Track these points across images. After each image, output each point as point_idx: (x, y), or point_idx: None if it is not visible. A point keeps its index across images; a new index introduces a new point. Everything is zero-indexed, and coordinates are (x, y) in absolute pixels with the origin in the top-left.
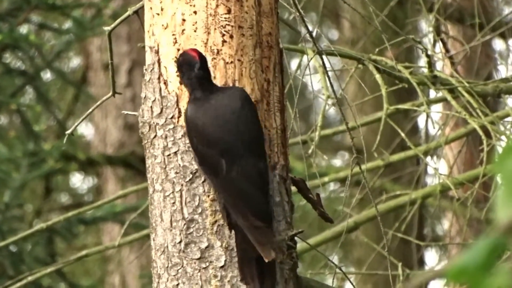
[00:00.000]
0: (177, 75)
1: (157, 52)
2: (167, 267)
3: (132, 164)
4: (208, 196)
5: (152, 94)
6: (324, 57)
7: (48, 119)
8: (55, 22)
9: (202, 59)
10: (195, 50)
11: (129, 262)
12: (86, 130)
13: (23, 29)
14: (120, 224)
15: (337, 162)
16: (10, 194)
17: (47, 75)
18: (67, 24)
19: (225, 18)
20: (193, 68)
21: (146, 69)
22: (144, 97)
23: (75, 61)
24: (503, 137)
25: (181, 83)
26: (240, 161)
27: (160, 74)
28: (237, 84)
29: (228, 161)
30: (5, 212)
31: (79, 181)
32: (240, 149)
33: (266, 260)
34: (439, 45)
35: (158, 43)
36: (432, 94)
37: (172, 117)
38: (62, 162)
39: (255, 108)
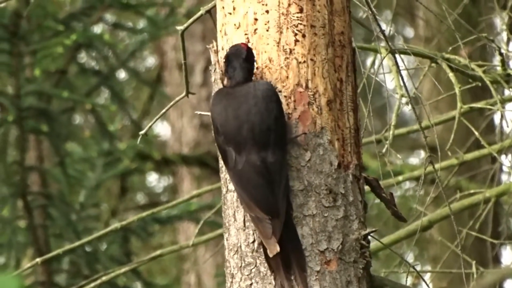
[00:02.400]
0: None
1: (216, 52)
2: (241, 266)
3: (208, 163)
4: None
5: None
6: (397, 55)
7: (123, 118)
8: (129, 21)
9: (250, 52)
10: (245, 44)
11: (205, 261)
12: (161, 129)
13: (97, 28)
14: (195, 223)
15: (414, 160)
16: (86, 194)
17: (121, 75)
18: (141, 23)
19: (297, 17)
20: (239, 58)
21: (210, 70)
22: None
23: (150, 60)
24: None
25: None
26: (247, 153)
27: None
28: (310, 84)
29: (236, 151)
30: (80, 211)
31: (155, 180)
32: (249, 141)
33: (270, 255)
34: None
35: (227, 44)
36: (507, 92)
37: None
38: (137, 161)
39: (276, 101)
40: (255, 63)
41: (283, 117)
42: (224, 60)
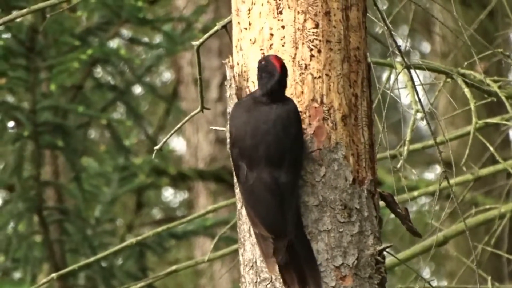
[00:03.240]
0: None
1: (232, 67)
2: (256, 282)
3: (223, 178)
4: None
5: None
6: (412, 71)
7: (139, 133)
8: (146, 36)
9: (284, 72)
10: (279, 60)
11: (220, 277)
12: (177, 144)
13: (114, 43)
14: (211, 238)
15: (429, 175)
16: (101, 209)
17: (137, 90)
18: (158, 38)
19: (313, 32)
20: (272, 79)
21: (226, 85)
22: (228, 112)
23: (166, 75)
24: None
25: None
26: (259, 170)
27: (246, 87)
28: (325, 99)
29: (248, 167)
30: (96, 227)
31: (170, 195)
32: (262, 160)
33: (269, 274)
34: None
35: (242, 60)
36: None
37: None
38: (153, 176)
39: (297, 125)
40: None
41: (301, 139)
42: (258, 71)
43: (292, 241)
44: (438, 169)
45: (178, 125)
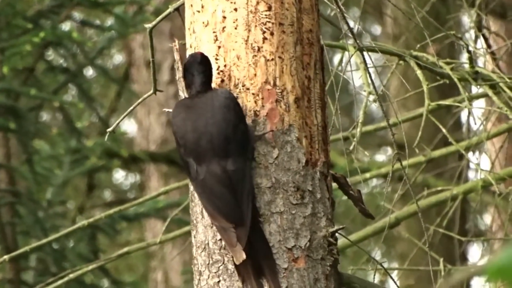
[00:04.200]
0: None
1: (177, 50)
2: (208, 264)
3: (175, 161)
4: None
5: (182, 92)
6: (365, 53)
7: (91, 116)
8: (98, 19)
9: (205, 58)
10: (201, 54)
11: (172, 258)
12: (129, 127)
13: (66, 26)
14: (162, 220)
15: (381, 157)
16: (53, 191)
17: (89, 72)
18: (110, 21)
19: (265, 15)
20: (194, 64)
21: (175, 68)
22: (179, 95)
23: (118, 58)
24: None
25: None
26: (208, 163)
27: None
28: (278, 82)
29: (197, 162)
30: (47, 209)
31: (122, 177)
32: (208, 152)
33: (237, 262)
34: (481, 40)
35: (195, 42)
36: (474, 89)
37: None
38: (104, 159)
39: (234, 110)
40: (212, 70)
41: (242, 125)
42: (183, 70)
43: (252, 227)
44: (389, 151)
45: (132, 107)
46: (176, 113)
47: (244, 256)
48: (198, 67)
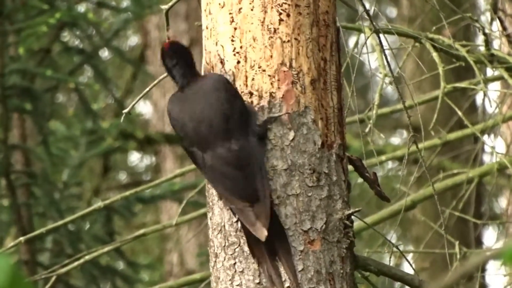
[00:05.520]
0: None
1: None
2: (224, 246)
3: None
4: None
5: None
6: (381, 35)
7: (106, 97)
8: (113, 1)
9: (174, 47)
10: (168, 44)
11: (187, 241)
12: (144, 108)
13: (81, 7)
14: (178, 202)
15: (396, 140)
16: (69, 173)
17: (105, 54)
18: (125, 2)
19: None
20: (165, 58)
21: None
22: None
23: (133, 40)
24: None
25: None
26: (211, 148)
27: (216, 51)
28: (294, 63)
29: (201, 150)
30: (63, 190)
31: (137, 159)
32: (209, 137)
33: (262, 240)
34: (496, 23)
35: (211, 24)
36: (490, 72)
37: None
38: (120, 140)
39: (226, 90)
40: (190, 53)
41: (238, 101)
42: (162, 65)
43: (273, 202)
44: (404, 134)
45: (148, 88)
46: (171, 107)
47: (265, 233)
48: (170, 62)
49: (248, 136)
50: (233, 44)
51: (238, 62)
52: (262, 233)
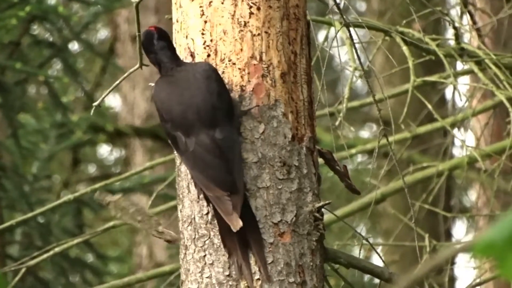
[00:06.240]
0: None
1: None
2: (194, 238)
3: (160, 136)
4: None
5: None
6: (351, 29)
7: (76, 90)
8: None
9: (161, 31)
10: (156, 28)
11: None
12: (114, 101)
13: (51, 0)
14: (148, 195)
15: (365, 133)
16: (38, 165)
17: (75, 47)
18: None
19: None
20: (152, 41)
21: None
22: None
23: (103, 33)
24: None
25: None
26: (195, 135)
27: (186, 44)
28: (264, 57)
29: (185, 135)
30: (33, 183)
31: (106, 152)
32: (196, 123)
33: (234, 230)
34: (467, 17)
35: (182, 17)
36: (459, 66)
37: None
38: (90, 133)
39: (216, 80)
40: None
41: (226, 93)
42: (144, 51)
43: (246, 195)
44: (374, 127)
45: (118, 81)
46: (159, 89)
47: (241, 223)
48: (158, 44)
49: (232, 127)
50: (203, 38)
51: (208, 55)
52: (238, 223)
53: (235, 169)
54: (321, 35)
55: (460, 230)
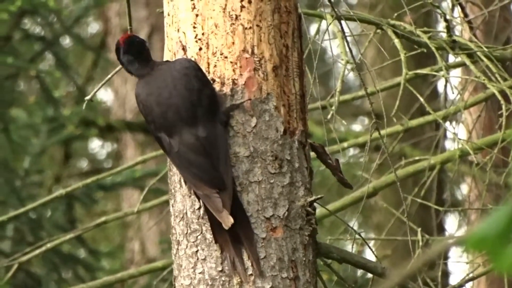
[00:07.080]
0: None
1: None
2: (186, 233)
3: None
4: None
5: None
6: (342, 22)
7: (67, 84)
8: None
9: (129, 44)
10: (125, 35)
11: (149, 228)
12: (105, 95)
13: None
14: (139, 190)
15: (357, 127)
16: (30, 160)
17: (66, 41)
18: None
19: None
20: (119, 55)
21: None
22: None
23: (94, 27)
24: None
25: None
26: (179, 134)
27: (179, 40)
28: (256, 50)
29: (168, 135)
30: (24, 178)
31: (98, 146)
32: (177, 123)
33: (226, 227)
34: (458, 9)
35: (173, 10)
36: (451, 59)
37: None
38: (81, 127)
39: (196, 76)
40: (145, 43)
41: (207, 89)
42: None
43: (235, 191)
44: (365, 121)
45: (109, 76)
46: (139, 91)
47: (232, 220)
48: (124, 58)
49: (215, 123)
50: (195, 31)
51: (200, 48)
52: (229, 220)
53: (221, 164)
54: (312, 28)
55: (452, 224)
